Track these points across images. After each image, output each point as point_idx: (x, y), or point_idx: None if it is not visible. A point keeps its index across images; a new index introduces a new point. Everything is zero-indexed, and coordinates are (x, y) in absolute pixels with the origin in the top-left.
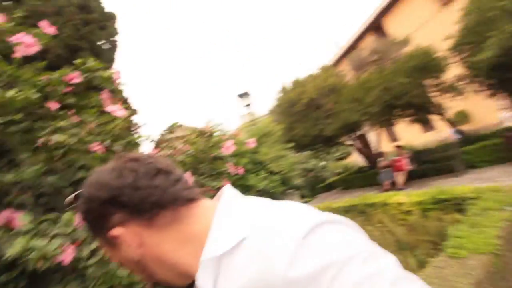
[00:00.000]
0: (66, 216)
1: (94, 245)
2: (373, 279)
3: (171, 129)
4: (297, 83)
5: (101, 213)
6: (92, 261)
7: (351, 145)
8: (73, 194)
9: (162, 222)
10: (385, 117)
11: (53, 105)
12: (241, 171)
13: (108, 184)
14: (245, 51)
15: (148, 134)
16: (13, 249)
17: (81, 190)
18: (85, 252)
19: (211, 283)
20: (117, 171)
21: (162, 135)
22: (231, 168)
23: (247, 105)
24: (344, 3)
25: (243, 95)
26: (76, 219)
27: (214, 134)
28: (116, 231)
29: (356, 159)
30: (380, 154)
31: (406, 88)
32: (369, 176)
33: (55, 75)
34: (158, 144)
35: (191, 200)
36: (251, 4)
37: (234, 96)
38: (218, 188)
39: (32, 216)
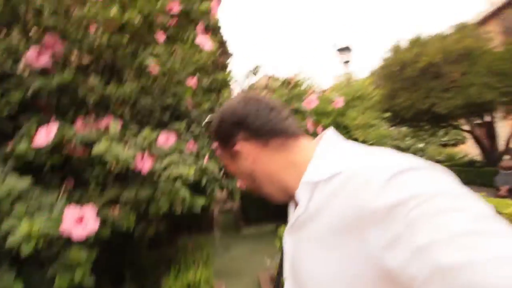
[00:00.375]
0: (146, 131)
1: (165, 162)
2: (456, 212)
3: (255, 72)
4: (416, 42)
5: (229, 132)
6: (163, 175)
7: (469, 131)
8: (208, 117)
9: (273, 146)
10: None
11: (160, 35)
12: (320, 130)
13: (238, 110)
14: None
15: (234, 75)
16: (97, 148)
17: (211, 115)
18: (158, 166)
19: (307, 198)
20: (244, 102)
21: (246, 76)
22: (309, 125)
23: (346, 62)
24: None
25: (344, 49)
26: (156, 136)
27: (300, 86)
28: (239, 146)
29: (469, 150)
30: (508, 151)
31: None
32: (481, 173)
33: (158, 3)
34: (243, 88)
35: (296, 134)
36: None
37: (333, 51)
38: None
39: (119, 125)
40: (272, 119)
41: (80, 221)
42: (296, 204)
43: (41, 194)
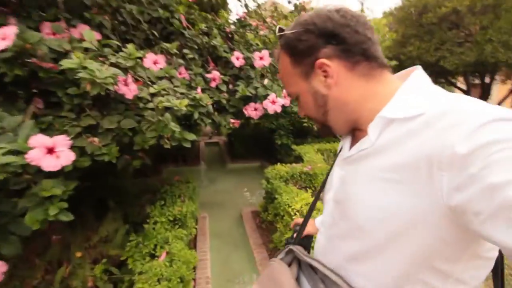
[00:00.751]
0: (130, 48)
1: (153, 89)
2: None
3: None
4: None
5: (315, 42)
6: (150, 105)
7: (465, 91)
8: (278, 27)
9: (360, 71)
10: None
11: None
12: None
13: (334, 19)
14: None
15: None
16: (67, 62)
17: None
18: (145, 93)
19: (376, 134)
20: (342, 12)
21: None
22: None
23: None
24: None
25: None
26: (142, 56)
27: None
28: (325, 61)
29: None
30: None
31: None
32: None
33: None
34: (248, 9)
35: (384, 64)
36: None
37: None
38: None
39: (94, 37)
40: (369, 38)
41: (51, 151)
42: (354, 138)
43: (0, 116)
